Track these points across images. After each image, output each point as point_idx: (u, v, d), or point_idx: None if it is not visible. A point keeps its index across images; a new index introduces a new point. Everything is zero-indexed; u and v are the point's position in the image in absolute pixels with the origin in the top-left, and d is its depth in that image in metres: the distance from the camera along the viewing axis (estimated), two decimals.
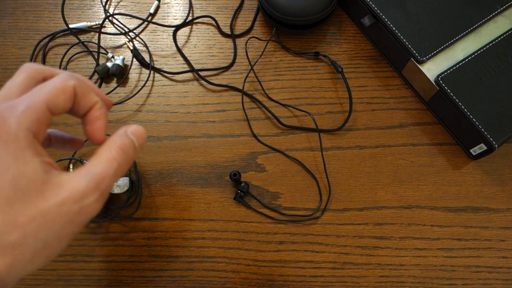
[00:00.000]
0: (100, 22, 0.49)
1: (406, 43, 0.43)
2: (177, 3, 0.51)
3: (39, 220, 0.22)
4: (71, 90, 0.27)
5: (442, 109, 0.44)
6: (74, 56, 0.49)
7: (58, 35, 0.50)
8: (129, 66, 0.48)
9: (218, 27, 0.50)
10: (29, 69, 0.27)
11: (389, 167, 0.44)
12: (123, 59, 0.48)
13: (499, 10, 0.44)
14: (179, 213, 0.43)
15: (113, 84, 0.48)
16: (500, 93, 0.41)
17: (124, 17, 0.50)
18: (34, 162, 0.23)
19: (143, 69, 0.48)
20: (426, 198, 0.43)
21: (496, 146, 0.40)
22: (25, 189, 0.22)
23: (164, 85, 0.48)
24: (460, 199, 0.43)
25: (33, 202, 0.22)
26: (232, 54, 0.49)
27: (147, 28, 0.50)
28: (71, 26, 0.49)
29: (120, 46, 0.49)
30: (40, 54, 0.49)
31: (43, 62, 0.48)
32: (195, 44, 0.49)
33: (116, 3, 0.51)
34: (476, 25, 0.43)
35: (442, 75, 0.42)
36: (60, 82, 0.26)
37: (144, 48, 0.49)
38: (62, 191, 0.23)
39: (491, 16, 0.44)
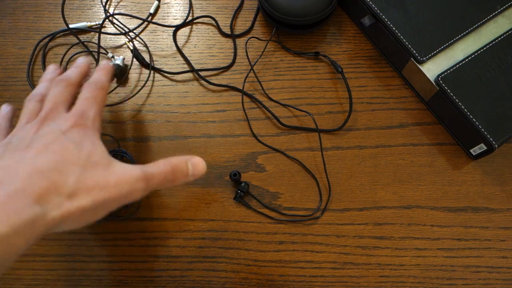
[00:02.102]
0: (100, 22, 0.49)
1: (406, 43, 0.43)
2: (177, 3, 0.51)
3: (101, 187, 0.30)
4: (107, 93, 0.37)
5: (442, 109, 0.44)
6: (74, 56, 0.49)
7: (58, 35, 0.50)
8: (129, 66, 0.48)
9: (218, 27, 0.50)
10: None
11: (389, 167, 0.44)
12: (123, 59, 0.48)
13: (499, 10, 0.44)
14: (179, 213, 0.43)
15: (113, 84, 0.48)
16: (500, 93, 0.41)
17: (124, 17, 0.50)
18: (104, 148, 0.32)
19: (143, 69, 0.48)
20: (426, 198, 0.43)
21: (496, 146, 0.40)
22: (96, 162, 0.30)
23: (164, 85, 0.48)
24: (460, 199, 0.43)
25: (100, 173, 0.30)
26: (232, 54, 0.49)
27: (147, 28, 0.50)
28: (71, 26, 0.49)
29: (120, 46, 0.49)
30: (40, 54, 0.49)
31: (43, 62, 0.48)
32: (195, 44, 0.49)
33: (116, 3, 0.51)
34: (476, 25, 0.43)
35: (442, 75, 0.42)
36: (103, 90, 0.36)
37: (144, 48, 0.49)
38: (122, 171, 0.31)
39: (491, 16, 0.44)
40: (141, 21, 0.50)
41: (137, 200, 0.42)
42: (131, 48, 0.48)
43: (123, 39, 0.49)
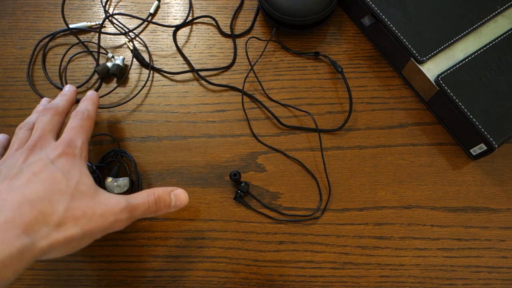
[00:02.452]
0: (100, 22, 0.49)
1: (406, 43, 0.43)
2: (177, 3, 0.51)
3: (88, 217, 0.30)
4: (93, 122, 0.38)
5: (442, 109, 0.44)
6: (74, 56, 0.49)
7: (58, 35, 0.50)
8: (129, 66, 0.48)
9: (218, 27, 0.50)
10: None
11: (389, 167, 0.44)
12: (123, 59, 0.48)
13: (499, 10, 0.44)
14: (179, 213, 0.43)
15: (113, 84, 0.48)
16: (500, 93, 0.41)
17: (124, 17, 0.50)
18: (91, 178, 0.33)
19: (143, 69, 0.48)
20: (426, 198, 0.43)
21: (496, 146, 0.40)
22: (83, 192, 0.31)
23: (164, 85, 0.48)
24: (460, 199, 0.43)
25: (87, 202, 0.31)
26: (232, 54, 0.49)
27: (147, 28, 0.50)
28: (71, 26, 0.49)
29: (120, 46, 0.49)
30: (40, 54, 0.49)
31: (43, 62, 0.48)
32: (195, 44, 0.49)
33: (116, 3, 0.51)
34: (476, 25, 0.43)
35: (442, 75, 0.42)
36: (89, 120, 0.37)
37: (144, 48, 0.49)
38: (108, 202, 0.32)
39: (491, 16, 0.44)
40: (141, 21, 0.50)
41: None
42: (131, 48, 0.48)
43: (123, 39, 0.49)
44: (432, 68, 0.43)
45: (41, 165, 0.31)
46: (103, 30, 0.50)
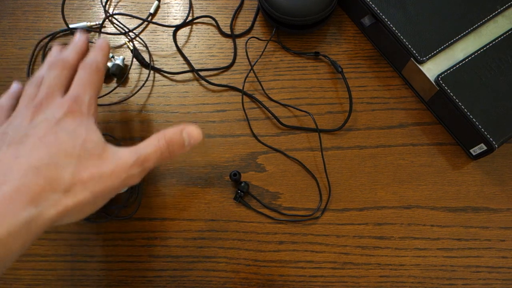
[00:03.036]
0: (100, 22, 0.49)
1: (406, 43, 0.43)
2: (177, 3, 0.51)
3: (97, 178, 0.29)
4: (103, 75, 0.36)
5: (442, 109, 0.44)
6: None
7: (58, 35, 0.50)
8: (129, 66, 0.48)
9: (218, 27, 0.50)
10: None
11: (389, 167, 0.44)
12: (123, 59, 0.48)
13: (499, 10, 0.44)
14: (179, 213, 0.43)
15: (113, 84, 0.48)
16: (500, 93, 0.41)
17: (124, 17, 0.50)
18: (99, 134, 0.32)
19: (143, 69, 0.48)
20: (426, 198, 0.43)
21: (496, 146, 0.40)
22: (91, 151, 0.30)
23: (164, 85, 0.48)
24: (460, 199, 0.43)
25: (95, 162, 0.30)
26: (232, 54, 0.49)
27: (147, 28, 0.50)
28: (71, 26, 0.49)
29: (120, 46, 0.49)
30: (40, 54, 0.49)
31: (43, 62, 0.48)
32: (195, 44, 0.49)
33: (116, 3, 0.51)
34: (476, 25, 0.43)
35: (442, 75, 0.42)
36: (98, 73, 0.35)
37: (144, 48, 0.49)
38: (116, 159, 0.31)
39: (491, 16, 0.44)
40: (141, 21, 0.50)
41: (137, 201, 0.42)
42: (131, 48, 0.48)
43: (123, 39, 0.49)
44: (432, 68, 0.43)
45: (45, 127, 0.30)
46: (103, 30, 0.50)
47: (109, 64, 0.47)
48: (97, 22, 0.50)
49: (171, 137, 0.33)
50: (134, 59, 0.48)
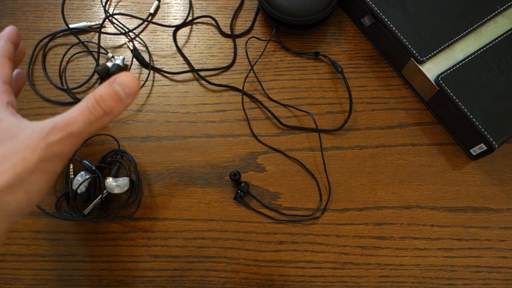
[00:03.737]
0: (100, 22, 0.49)
1: (406, 43, 0.43)
2: (177, 3, 0.51)
3: (11, 157, 0.26)
4: (5, 59, 0.32)
5: (442, 109, 0.44)
6: (74, 56, 0.49)
7: (58, 35, 0.50)
8: (129, 66, 0.48)
9: (218, 27, 0.50)
10: None
11: (389, 167, 0.44)
12: (123, 59, 0.48)
13: (499, 10, 0.44)
14: (179, 213, 0.43)
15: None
16: (500, 93, 0.41)
17: (124, 17, 0.50)
18: (10, 119, 0.28)
19: (143, 69, 0.48)
20: (426, 198, 0.43)
21: (496, 146, 0.40)
22: (3, 138, 0.27)
23: (164, 85, 0.48)
24: (460, 199, 0.43)
25: (7, 143, 0.27)
26: (232, 54, 0.49)
27: (147, 28, 0.50)
28: (71, 26, 0.49)
29: (120, 46, 0.49)
30: (40, 54, 0.49)
31: (43, 62, 0.48)
32: (195, 44, 0.49)
33: (116, 3, 0.51)
34: (476, 25, 0.43)
35: (442, 75, 0.42)
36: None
37: (144, 48, 0.49)
38: (29, 130, 0.27)
39: (491, 16, 0.44)
40: (141, 21, 0.50)
41: (137, 201, 0.42)
42: (131, 48, 0.48)
43: (123, 39, 0.49)
44: (432, 68, 0.43)
45: None
46: (103, 30, 0.50)
47: (109, 64, 0.47)
48: (97, 22, 0.50)
49: (100, 94, 0.28)
50: (134, 59, 0.48)
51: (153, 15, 0.51)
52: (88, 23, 0.49)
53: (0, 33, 0.34)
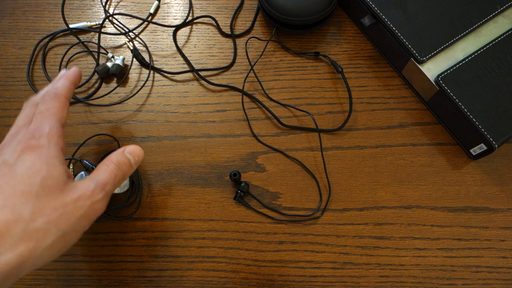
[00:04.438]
0: (100, 22, 0.49)
1: (406, 43, 0.43)
2: (177, 3, 0.51)
3: (60, 211, 0.28)
4: (66, 101, 0.34)
5: (442, 109, 0.44)
6: (74, 56, 0.49)
7: (58, 35, 0.50)
8: (129, 66, 0.48)
9: (218, 27, 0.50)
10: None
11: (389, 167, 0.44)
12: (123, 59, 0.48)
13: (499, 10, 0.44)
14: (179, 213, 0.43)
15: (113, 84, 0.48)
16: (500, 93, 0.41)
17: (124, 17, 0.50)
18: (60, 168, 0.30)
19: (143, 69, 0.48)
20: (426, 198, 0.43)
21: (496, 146, 0.40)
22: (51, 187, 0.29)
23: (164, 85, 0.48)
24: (460, 199, 0.43)
25: (56, 197, 0.28)
26: (232, 54, 0.49)
27: (147, 28, 0.50)
28: (71, 26, 0.49)
29: (120, 46, 0.49)
30: (40, 54, 0.49)
31: (43, 62, 0.48)
32: (195, 44, 0.49)
33: (116, 3, 0.51)
34: (476, 25, 0.43)
35: (442, 75, 0.42)
36: (58, 99, 0.33)
37: (144, 48, 0.49)
38: (77, 190, 0.30)
39: (491, 16, 0.44)
40: (141, 21, 0.50)
41: (137, 201, 0.43)
42: (131, 48, 0.48)
43: (123, 39, 0.49)
44: (432, 68, 0.43)
45: (2, 171, 0.29)
46: (103, 30, 0.50)
47: (109, 64, 0.47)
48: (97, 22, 0.50)
49: (117, 161, 0.33)
50: (134, 59, 0.48)
51: (153, 15, 0.51)
52: (88, 23, 0.49)
53: (66, 71, 0.36)
